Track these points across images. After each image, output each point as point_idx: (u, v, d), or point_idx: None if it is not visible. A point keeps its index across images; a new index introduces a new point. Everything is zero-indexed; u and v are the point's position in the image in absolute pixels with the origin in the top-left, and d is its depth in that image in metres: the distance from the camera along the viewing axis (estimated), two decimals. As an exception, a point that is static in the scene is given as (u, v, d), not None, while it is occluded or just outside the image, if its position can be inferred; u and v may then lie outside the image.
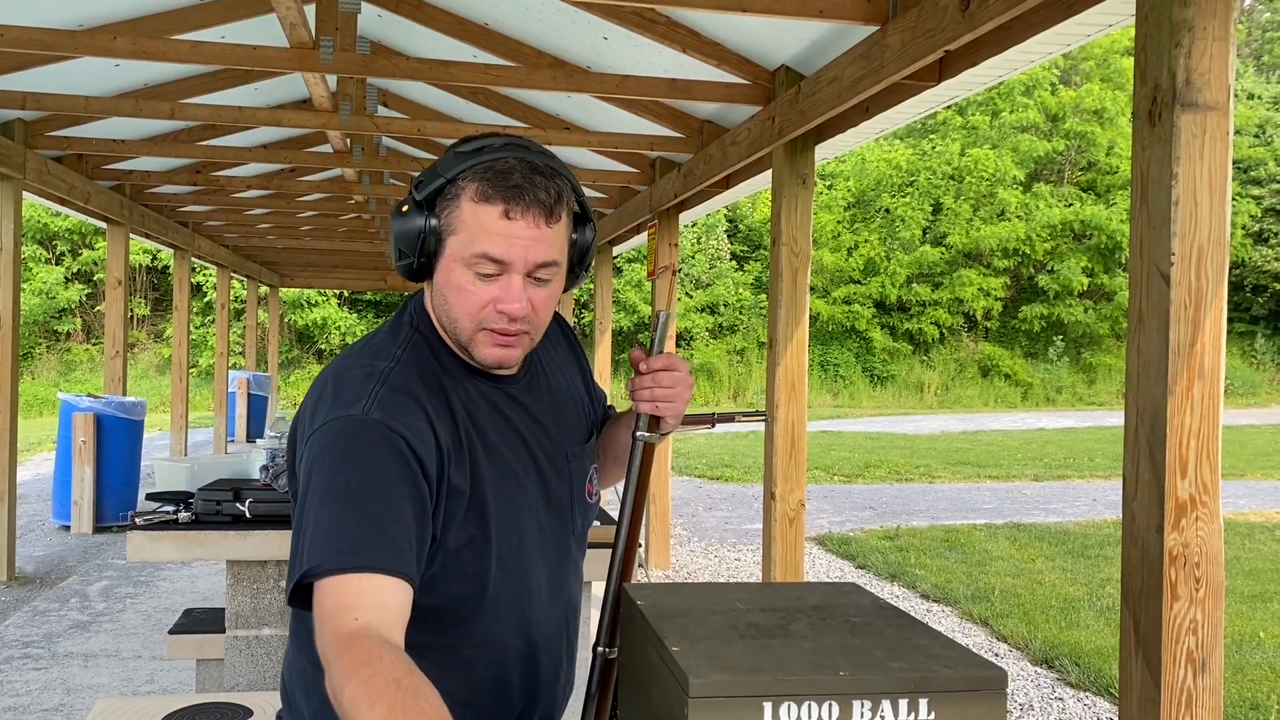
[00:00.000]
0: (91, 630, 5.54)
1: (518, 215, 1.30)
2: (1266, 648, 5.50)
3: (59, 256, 25.35)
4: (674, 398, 1.45)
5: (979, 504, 10.55)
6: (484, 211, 1.30)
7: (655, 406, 1.44)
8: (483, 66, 5.00)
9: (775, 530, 4.62)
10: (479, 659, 1.43)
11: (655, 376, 1.44)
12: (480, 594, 1.40)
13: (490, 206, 1.30)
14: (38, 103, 5.73)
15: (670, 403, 1.45)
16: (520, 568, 1.44)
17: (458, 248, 1.32)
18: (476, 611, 1.40)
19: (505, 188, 1.29)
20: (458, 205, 1.32)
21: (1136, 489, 2.24)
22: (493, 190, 1.30)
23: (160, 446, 13.56)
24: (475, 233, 1.30)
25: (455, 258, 1.33)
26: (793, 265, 4.60)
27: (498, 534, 1.39)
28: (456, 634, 1.41)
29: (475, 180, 1.31)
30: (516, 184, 1.30)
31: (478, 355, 1.37)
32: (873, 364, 27.12)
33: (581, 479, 1.55)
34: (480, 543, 1.38)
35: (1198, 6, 2.14)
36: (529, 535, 1.45)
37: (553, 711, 1.55)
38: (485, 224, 1.30)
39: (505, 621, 1.44)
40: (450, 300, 1.35)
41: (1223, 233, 2.17)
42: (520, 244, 1.30)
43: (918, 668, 1.42)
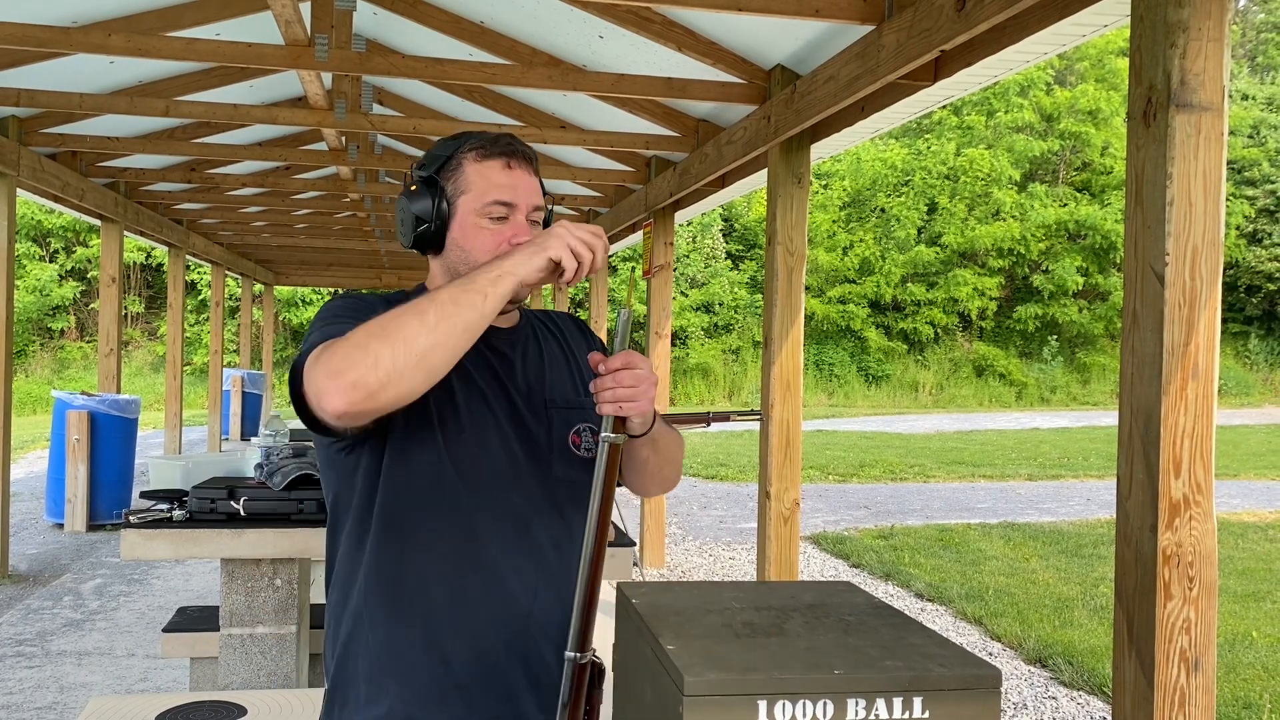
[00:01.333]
0: (85, 628, 5.53)
1: (515, 165, 1.55)
2: (1259, 647, 5.51)
3: (53, 254, 25.29)
4: (636, 396, 1.44)
5: (973, 503, 10.57)
6: (488, 167, 1.54)
7: (618, 407, 1.43)
8: (478, 65, 5.00)
9: (770, 529, 4.62)
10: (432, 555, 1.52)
11: (616, 376, 1.44)
12: (435, 487, 1.51)
13: (493, 161, 1.54)
14: (32, 100, 5.72)
15: (633, 402, 1.44)
16: (479, 479, 1.53)
17: (470, 203, 1.54)
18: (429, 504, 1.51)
19: (501, 146, 1.55)
20: (461, 171, 1.55)
21: (1130, 488, 2.25)
22: (491, 150, 1.55)
23: (154, 444, 13.54)
24: (484, 187, 1.53)
25: (469, 211, 1.54)
26: (788, 264, 4.61)
27: (449, 429, 1.52)
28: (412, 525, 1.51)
29: (472, 149, 1.55)
30: (508, 142, 1.56)
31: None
32: (868, 363, 27.15)
33: (564, 428, 1.61)
34: (437, 433, 1.51)
35: (1192, 7, 2.14)
36: (494, 453, 1.55)
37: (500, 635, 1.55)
38: (491, 177, 1.54)
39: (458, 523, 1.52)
40: (470, 246, 1.54)
41: (1217, 233, 2.17)
42: (522, 188, 1.55)
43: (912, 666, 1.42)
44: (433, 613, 1.52)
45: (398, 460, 1.51)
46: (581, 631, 1.42)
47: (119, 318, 9.24)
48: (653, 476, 1.67)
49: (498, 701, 1.53)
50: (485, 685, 1.53)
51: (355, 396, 1.30)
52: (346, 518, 1.57)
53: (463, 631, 1.52)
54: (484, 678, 1.53)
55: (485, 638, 1.53)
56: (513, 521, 1.55)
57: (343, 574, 1.58)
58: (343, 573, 1.58)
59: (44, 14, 4.93)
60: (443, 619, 1.52)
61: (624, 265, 26.04)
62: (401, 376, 1.30)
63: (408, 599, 1.52)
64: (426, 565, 1.52)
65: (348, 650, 1.56)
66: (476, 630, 1.52)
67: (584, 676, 1.43)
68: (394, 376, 1.30)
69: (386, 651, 1.52)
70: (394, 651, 1.52)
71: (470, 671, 1.52)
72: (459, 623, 1.52)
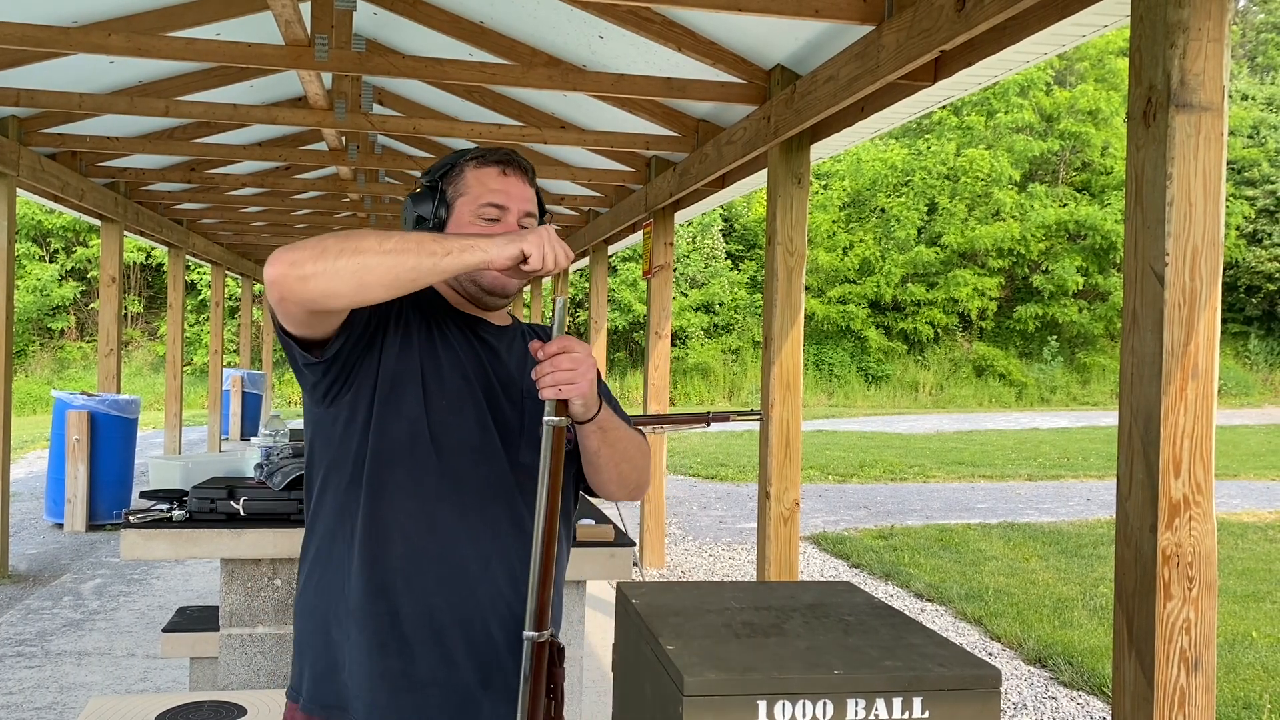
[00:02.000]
0: (85, 628, 5.53)
1: (511, 173, 1.70)
2: (1259, 647, 5.51)
3: (53, 254, 25.28)
4: (575, 379, 1.50)
5: (973, 503, 10.57)
6: (485, 173, 1.70)
7: (558, 390, 1.50)
8: (478, 65, 5.00)
9: (770, 529, 4.62)
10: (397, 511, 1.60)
11: (554, 361, 1.50)
12: (410, 447, 1.61)
13: (490, 168, 1.70)
14: (32, 100, 5.71)
15: (573, 384, 1.50)
16: (451, 447, 1.62)
17: (467, 205, 1.69)
18: (402, 462, 1.61)
19: (498, 155, 1.71)
20: (462, 176, 1.71)
21: (1130, 489, 2.25)
22: (489, 158, 1.71)
23: (154, 444, 13.54)
24: (480, 190, 1.69)
25: (465, 212, 1.69)
26: (788, 265, 4.61)
27: (432, 394, 1.63)
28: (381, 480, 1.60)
29: (473, 158, 1.72)
30: (506, 153, 1.72)
31: (485, 279, 1.68)
32: (867, 363, 27.14)
33: (536, 420, 1.66)
34: (419, 396, 1.62)
35: (1192, 8, 2.14)
36: (469, 426, 1.64)
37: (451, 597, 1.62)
38: (487, 182, 1.69)
39: (425, 484, 1.61)
40: None
41: (1217, 233, 2.17)
42: (515, 194, 1.69)
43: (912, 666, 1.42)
44: (389, 564, 1.60)
45: (379, 418, 1.61)
46: (538, 612, 1.47)
47: (119, 318, 9.24)
48: (609, 473, 1.70)
49: (437, 663, 1.60)
50: (427, 644, 1.60)
51: (290, 272, 1.40)
52: (320, 468, 1.67)
53: (414, 587, 1.60)
54: (427, 637, 1.60)
55: (433, 596, 1.60)
56: (477, 494, 1.64)
57: (313, 521, 1.69)
58: (314, 520, 1.69)
59: (44, 14, 4.93)
60: (397, 571, 1.60)
61: (624, 265, 26.05)
62: (335, 274, 1.40)
63: (368, 547, 1.60)
64: (390, 518, 1.60)
65: (306, 587, 1.67)
66: (426, 588, 1.60)
67: (543, 655, 1.47)
68: (328, 271, 1.40)
69: (344, 593, 1.61)
70: (350, 594, 1.60)
71: (414, 627, 1.59)
72: (411, 578, 1.60)
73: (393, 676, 1.58)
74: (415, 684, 1.58)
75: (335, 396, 1.63)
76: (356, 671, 1.59)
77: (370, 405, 1.61)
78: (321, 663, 1.63)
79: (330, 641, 1.62)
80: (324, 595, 1.63)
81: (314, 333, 1.54)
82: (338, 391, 1.62)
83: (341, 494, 1.63)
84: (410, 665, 1.58)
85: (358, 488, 1.61)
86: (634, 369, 25.98)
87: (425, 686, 1.58)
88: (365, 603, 1.59)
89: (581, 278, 22.21)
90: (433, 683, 1.59)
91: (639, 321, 25.39)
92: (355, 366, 1.61)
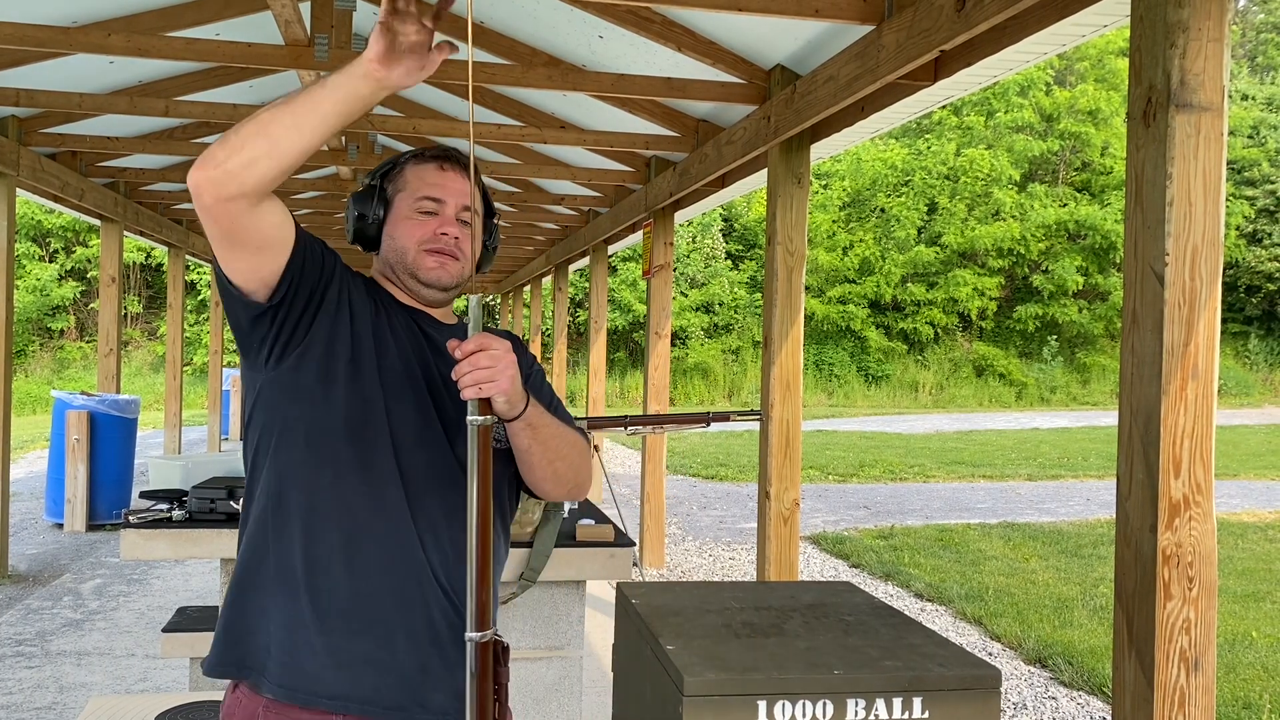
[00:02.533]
0: (85, 628, 5.53)
1: (448, 168, 1.73)
2: (1259, 647, 5.51)
3: (53, 254, 25.29)
4: (495, 376, 1.48)
5: (973, 503, 10.57)
6: (423, 168, 1.73)
7: (478, 389, 1.47)
8: (478, 64, 5.00)
9: (770, 529, 4.62)
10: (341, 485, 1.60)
11: (471, 359, 1.48)
12: (364, 417, 1.61)
13: (427, 164, 1.73)
14: (31, 100, 5.71)
15: (492, 382, 1.48)
16: (400, 430, 1.62)
17: (405, 200, 1.72)
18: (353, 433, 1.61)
19: (437, 152, 1.74)
20: (402, 174, 1.74)
21: (1130, 489, 2.25)
22: (428, 155, 1.74)
23: (154, 444, 13.54)
24: (418, 185, 1.72)
25: (404, 205, 1.72)
26: (788, 264, 4.60)
27: (384, 373, 1.63)
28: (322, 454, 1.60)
29: (412, 156, 1.76)
30: (444, 149, 1.75)
31: (421, 272, 1.71)
32: (867, 363, 27.15)
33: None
34: (373, 371, 1.63)
35: (1192, 8, 2.14)
36: (413, 410, 1.64)
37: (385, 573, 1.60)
38: (424, 176, 1.72)
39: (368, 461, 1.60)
40: (399, 235, 1.72)
41: (1217, 233, 2.17)
42: (451, 187, 1.71)
43: (912, 666, 1.42)
44: (331, 539, 1.58)
45: (329, 390, 1.61)
46: (478, 612, 1.46)
47: (119, 318, 9.24)
48: (542, 470, 1.69)
49: (374, 644, 1.58)
50: (365, 623, 1.58)
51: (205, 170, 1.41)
52: (260, 433, 1.65)
53: (354, 566, 1.58)
54: (367, 616, 1.58)
55: (374, 577, 1.59)
56: (421, 480, 1.63)
57: (251, 487, 1.68)
58: (252, 486, 1.68)
59: (44, 14, 4.93)
60: (338, 548, 1.58)
61: (624, 265, 26.04)
62: (241, 145, 1.40)
63: (311, 519, 1.59)
64: (335, 493, 1.59)
65: (256, 544, 1.64)
66: (368, 568, 1.59)
67: (487, 655, 1.46)
68: (234, 145, 1.41)
69: (277, 560, 1.60)
70: (285, 562, 1.59)
71: (353, 604, 1.58)
72: (353, 557, 1.58)
73: (323, 651, 1.56)
74: (347, 660, 1.56)
75: (282, 354, 1.61)
76: (281, 637, 1.57)
77: (319, 373, 1.61)
78: (239, 625, 1.61)
79: (251, 605, 1.61)
80: (254, 557, 1.62)
81: (257, 261, 1.53)
82: (284, 347, 1.60)
83: (283, 462, 1.61)
84: (347, 642, 1.57)
85: (303, 458, 1.60)
86: (634, 369, 25.97)
87: (358, 665, 1.57)
88: (304, 575, 1.57)
89: (581, 278, 22.21)
90: (367, 662, 1.57)
91: (639, 321, 25.39)
92: (302, 321, 1.60)
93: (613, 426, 3.44)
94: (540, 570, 3.02)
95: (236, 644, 1.61)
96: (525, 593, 3.05)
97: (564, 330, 12.52)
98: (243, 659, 1.60)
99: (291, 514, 1.60)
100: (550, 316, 19.46)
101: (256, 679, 1.59)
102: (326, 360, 1.61)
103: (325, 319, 1.62)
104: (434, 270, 1.70)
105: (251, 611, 1.61)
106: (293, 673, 1.56)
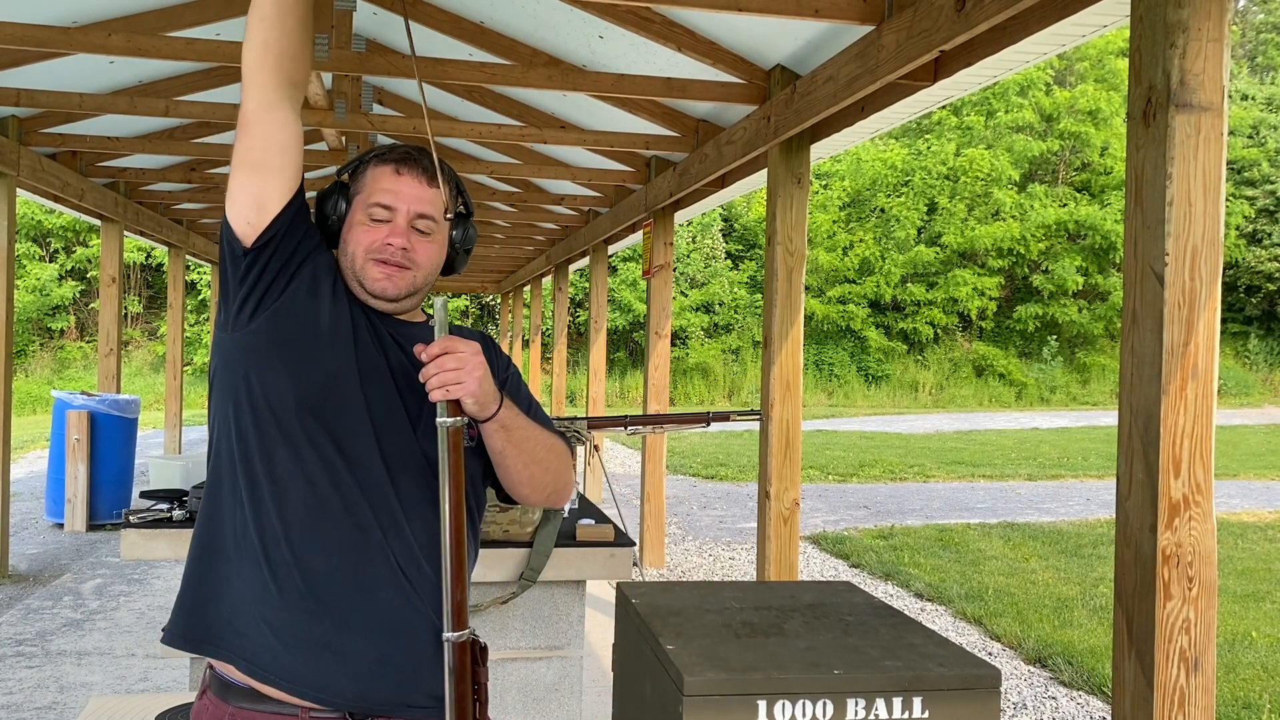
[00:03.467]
0: (85, 628, 5.53)
1: (405, 172, 1.66)
2: (1259, 647, 5.52)
3: (53, 254, 25.28)
4: (462, 378, 1.47)
5: (973, 503, 10.57)
6: (380, 171, 1.67)
7: (446, 391, 1.47)
8: (478, 65, 5.00)
9: (770, 529, 4.62)
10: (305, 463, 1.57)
11: (439, 362, 1.47)
12: (331, 395, 1.58)
13: (384, 166, 1.67)
14: (32, 100, 5.71)
15: (460, 384, 1.47)
16: (369, 414, 1.59)
17: (360, 202, 1.67)
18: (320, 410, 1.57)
19: (397, 154, 1.67)
20: (364, 174, 1.69)
21: (1130, 488, 2.25)
22: (388, 156, 1.68)
23: (154, 444, 13.54)
24: (372, 188, 1.66)
25: (358, 209, 1.67)
26: (788, 264, 4.61)
27: (356, 356, 1.61)
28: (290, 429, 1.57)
29: (375, 155, 1.70)
30: (405, 152, 1.68)
31: (367, 282, 1.65)
32: (867, 363, 27.15)
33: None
34: (347, 351, 1.60)
35: (1192, 8, 2.15)
36: (379, 396, 1.61)
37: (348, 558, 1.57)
38: (380, 180, 1.66)
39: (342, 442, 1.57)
40: (350, 240, 1.66)
41: (1217, 233, 2.17)
42: (405, 195, 1.64)
43: (912, 666, 1.42)
44: (295, 514, 1.55)
45: (299, 362, 1.59)
46: (454, 612, 1.45)
47: (119, 318, 9.24)
48: (518, 474, 1.66)
49: (331, 625, 1.54)
50: (325, 603, 1.54)
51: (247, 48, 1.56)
52: (228, 400, 1.61)
53: (319, 542, 1.55)
54: (327, 596, 1.54)
55: (334, 555, 1.55)
56: (387, 466, 1.59)
57: (216, 454, 1.64)
58: (216, 453, 1.64)
59: (44, 14, 4.93)
60: (303, 523, 1.55)
61: (624, 265, 26.04)
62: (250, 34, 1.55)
63: (274, 492, 1.56)
64: (300, 468, 1.56)
65: (199, 519, 1.63)
66: (330, 545, 1.55)
67: (465, 655, 1.46)
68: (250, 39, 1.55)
69: (239, 529, 1.56)
70: (249, 532, 1.56)
71: (314, 583, 1.54)
72: (319, 532, 1.55)
73: (280, 629, 1.53)
74: (305, 642, 1.53)
75: (256, 308, 1.59)
76: (241, 608, 1.54)
77: (286, 342, 1.59)
78: (197, 595, 1.58)
79: (211, 573, 1.57)
80: (215, 526, 1.59)
81: (258, 197, 1.60)
82: (259, 300, 1.59)
83: (248, 430, 1.57)
84: (304, 623, 1.53)
85: (269, 429, 1.56)
86: (634, 369, 25.98)
87: (315, 647, 1.53)
88: (261, 546, 1.54)
89: (581, 278, 22.21)
90: (324, 646, 1.53)
91: (639, 321, 25.38)
92: (280, 275, 1.59)
93: (613, 426, 3.44)
94: (540, 570, 3.02)
95: (197, 611, 1.58)
96: (525, 593, 3.06)
97: (564, 330, 12.52)
98: (203, 633, 1.56)
99: (252, 481, 1.56)
100: (550, 316, 19.45)
101: (214, 651, 1.55)
102: (297, 328, 1.59)
103: (301, 287, 1.60)
104: (379, 281, 1.64)
105: (213, 579, 1.57)
106: (253, 647, 1.53)
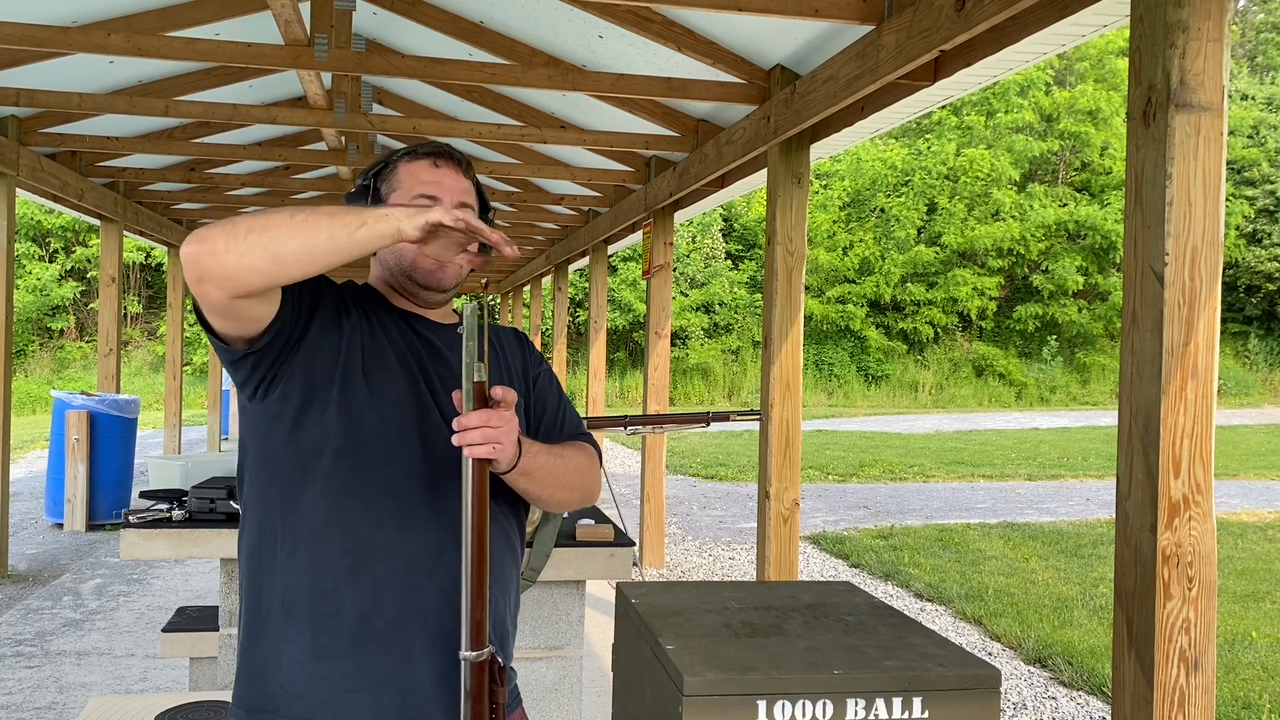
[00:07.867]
0: (84, 628, 5.53)
1: (442, 164, 1.68)
2: (1259, 647, 5.51)
3: (52, 254, 25.28)
4: (501, 438, 1.47)
5: (973, 503, 10.57)
6: (416, 166, 1.67)
7: (491, 449, 1.46)
8: (478, 64, 5.00)
9: (769, 529, 4.62)
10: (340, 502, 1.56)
11: (485, 417, 1.46)
12: (355, 434, 1.57)
13: (420, 161, 1.67)
14: (31, 99, 5.71)
15: (501, 444, 1.47)
16: (398, 439, 1.59)
17: (399, 199, 1.65)
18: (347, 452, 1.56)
19: (429, 149, 1.69)
20: (394, 173, 1.68)
21: (1130, 488, 2.25)
22: (421, 151, 1.69)
23: (154, 444, 13.54)
24: (411, 183, 1.66)
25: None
26: (788, 264, 4.61)
27: (375, 387, 1.59)
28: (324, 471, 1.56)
29: (405, 154, 1.70)
30: (437, 146, 1.70)
31: (419, 273, 1.65)
32: (867, 363, 27.15)
33: None
34: (362, 387, 1.58)
35: (1192, 8, 2.14)
36: (411, 416, 1.60)
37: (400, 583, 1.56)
38: (418, 174, 1.66)
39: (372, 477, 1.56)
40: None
41: (1216, 233, 2.17)
42: (447, 184, 1.66)
43: (911, 666, 1.42)
44: (334, 563, 1.54)
45: (318, 414, 1.57)
46: (473, 631, 1.44)
47: (119, 318, 9.24)
48: (545, 502, 1.68)
49: (392, 664, 1.54)
50: (380, 643, 1.54)
51: (203, 248, 1.37)
52: (253, 464, 1.62)
53: (362, 584, 1.54)
54: (381, 636, 1.54)
55: (384, 592, 1.54)
56: (423, 487, 1.59)
57: (246, 517, 1.64)
58: (246, 516, 1.64)
59: (44, 14, 4.93)
60: (343, 570, 1.54)
61: (624, 265, 26.04)
62: (247, 250, 1.37)
63: (310, 546, 1.55)
64: (333, 515, 1.55)
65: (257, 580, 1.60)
66: (376, 583, 1.54)
67: (483, 675, 1.45)
68: (240, 247, 1.37)
69: (280, 593, 1.56)
70: (288, 594, 1.55)
71: (364, 627, 1.54)
72: (360, 574, 1.54)
73: (339, 679, 1.53)
74: (365, 685, 1.53)
75: (265, 392, 1.58)
76: (298, 674, 1.54)
77: (306, 401, 1.57)
78: (248, 663, 1.59)
79: (260, 643, 1.57)
80: (256, 594, 1.59)
81: (241, 327, 1.50)
82: (267, 386, 1.58)
83: (277, 490, 1.58)
84: (361, 666, 1.53)
85: (296, 484, 1.56)
86: (634, 369, 25.98)
87: (377, 688, 1.53)
88: (309, 605, 1.54)
89: (581, 278, 22.21)
90: (387, 685, 1.53)
91: (639, 321, 25.38)
92: (282, 358, 1.56)
93: (613, 426, 3.44)
94: (540, 570, 3.02)
95: (255, 683, 1.58)
96: (525, 593, 3.06)
97: (564, 330, 12.52)
98: (264, 702, 1.56)
99: (292, 544, 1.55)
100: (550, 316, 19.45)
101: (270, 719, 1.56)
102: (317, 388, 1.57)
103: (307, 350, 1.58)
104: (433, 272, 1.65)
105: (264, 650, 1.57)
106: (315, 706, 1.53)
